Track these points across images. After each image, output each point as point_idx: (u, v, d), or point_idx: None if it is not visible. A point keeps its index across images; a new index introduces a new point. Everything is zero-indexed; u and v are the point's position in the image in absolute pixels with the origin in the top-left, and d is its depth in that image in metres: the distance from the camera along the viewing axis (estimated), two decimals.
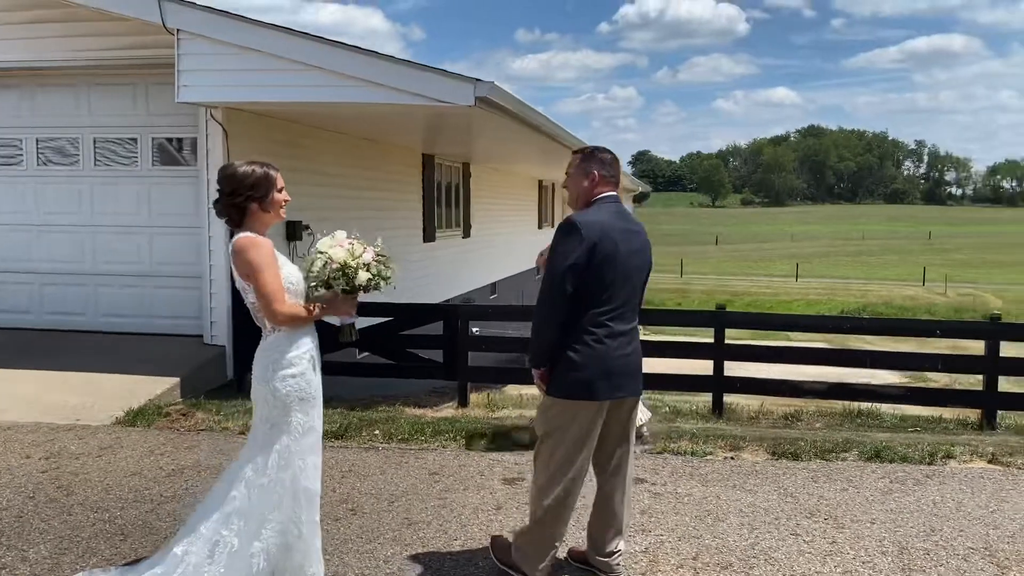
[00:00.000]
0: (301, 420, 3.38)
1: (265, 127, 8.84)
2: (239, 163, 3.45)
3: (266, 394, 3.36)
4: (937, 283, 51.92)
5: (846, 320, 9.04)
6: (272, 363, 3.35)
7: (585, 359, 3.47)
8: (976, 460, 5.81)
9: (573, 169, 3.68)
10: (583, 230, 3.41)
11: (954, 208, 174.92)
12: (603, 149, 3.72)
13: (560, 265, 3.40)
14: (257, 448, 3.39)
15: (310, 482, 3.40)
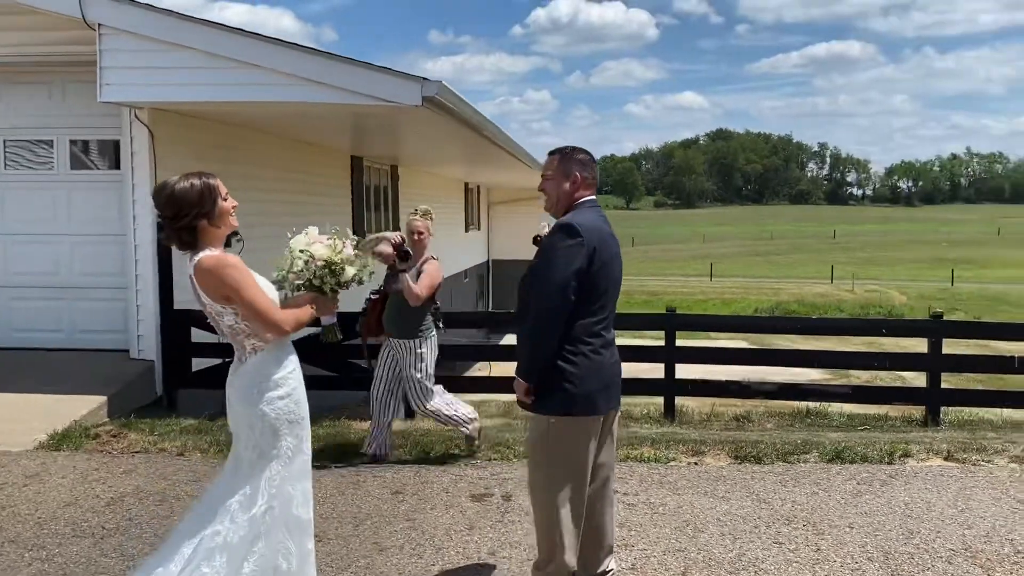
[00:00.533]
0: (291, 444, 3.12)
1: (193, 129, 8.39)
2: (172, 180, 3.06)
3: (252, 419, 3.07)
4: (844, 280, 53.85)
5: (798, 321, 9.17)
6: (257, 385, 3.08)
7: (585, 371, 3.26)
8: (933, 458, 5.88)
9: (552, 171, 3.45)
10: (584, 235, 3.21)
11: (855, 208, 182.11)
12: (579, 149, 3.50)
13: (564, 272, 3.18)
14: (243, 478, 3.09)
15: (301, 510, 3.14)
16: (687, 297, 47.60)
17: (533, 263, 3.35)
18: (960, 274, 56.73)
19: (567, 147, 3.51)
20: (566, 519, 3.31)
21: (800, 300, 46.74)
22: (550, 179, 3.45)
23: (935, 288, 51.50)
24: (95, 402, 6.97)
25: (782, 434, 6.82)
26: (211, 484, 3.28)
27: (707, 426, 7.43)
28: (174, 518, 4.64)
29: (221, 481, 3.19)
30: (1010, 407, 7.49)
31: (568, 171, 3.41)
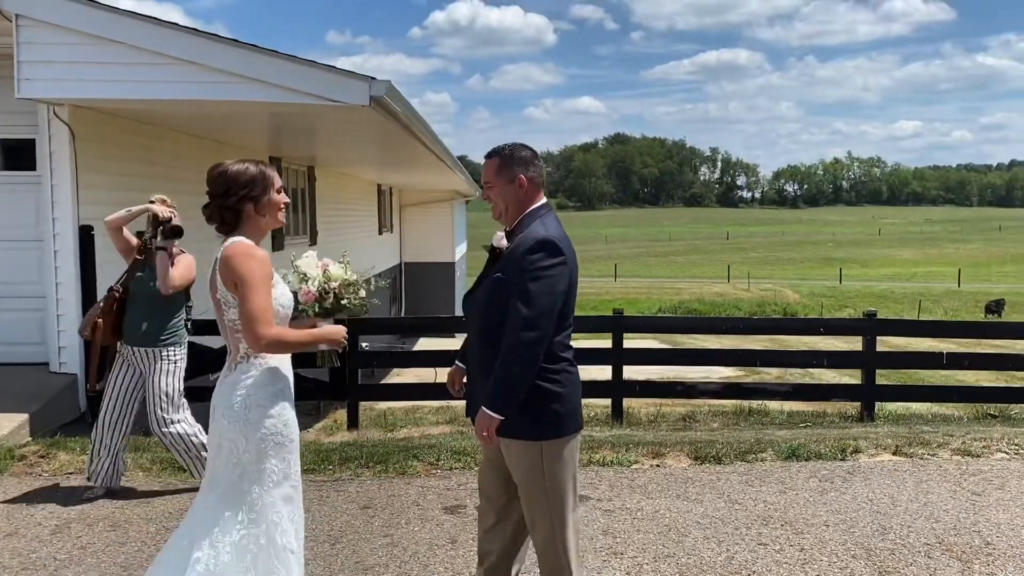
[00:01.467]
0: (276, 467, 2.90)
1: (116, 128, 7.93)
2: (229, 162, 2.98)
3: (236, 435, 2.85)
4: (741, 280, 55.74)
5: (741, 321, 9.38)
6: (248, 397, 2.86)
7: (569, 388, 3.05)
8: (882, 453, 6.07)
9: (493, 177, 3.08)
10: (566, 253, 2.97)
11: (745, 210, 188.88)
12: (520, 146, 3.12)
13: (552, 297, 2.90)
14: (223, 500, 2.87)
15: (287, 539, 2.91)
16: (594, 298, 48.23)
17: (496, 277, 3.00)
18: (847, 273, 59.53)
19: (505, 147, 3.13)
20: (572, 540, 3.15)
21: (700, 299, 47.99)
22: (493, 186, 3.09)
23: (825, 287, 53.90)
24: (16, 420, 6.48)
25: (732, 433, 6.93)
26: (189, 511, 3.03)
27: (655, 427, 7.48)
28: (131, 544, 4.35)
29: (198, 505, 2.96)
30: (938, 401, 7.82)
31: (512, 175, 3.05)
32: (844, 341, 22.01)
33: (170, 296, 4.92)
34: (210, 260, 2.99)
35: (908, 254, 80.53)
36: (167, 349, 4.99)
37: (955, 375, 17.38)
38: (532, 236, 2.96)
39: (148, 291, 4.93)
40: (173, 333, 5.02)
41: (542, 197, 3.12)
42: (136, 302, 4.97)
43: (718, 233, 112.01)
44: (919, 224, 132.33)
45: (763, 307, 45.07)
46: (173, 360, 5.01)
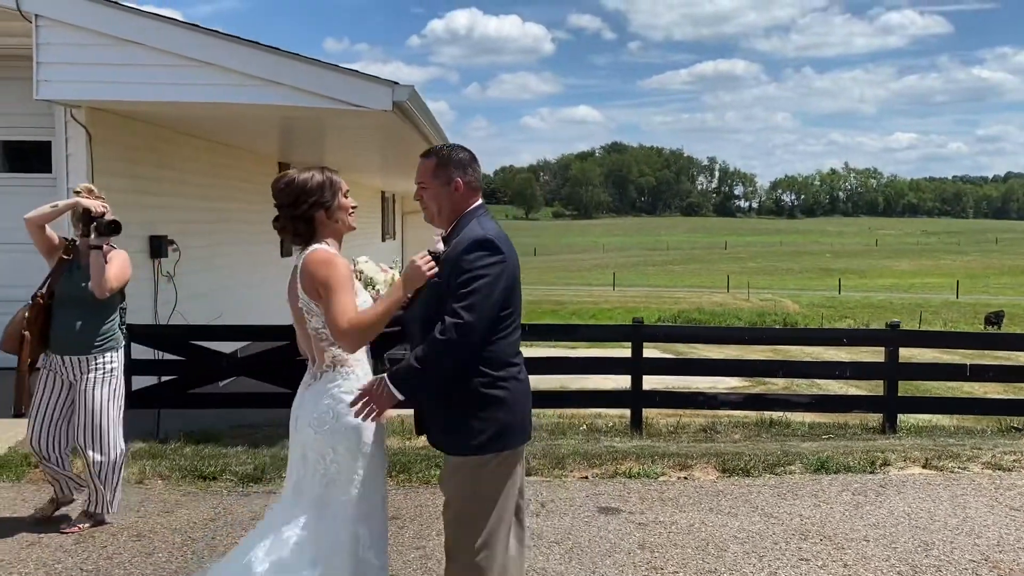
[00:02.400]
0: (363, 478, 2.87)
1: (131, 131, 7.85)
2: (293, 171, 2.96)
3: (323, 446, 2.80)
4: (740, 290, 55.68)
5: (764, 331, 9.32)
6: (333, 408, 2.81)
7: (516, 396, 2.86)
8: (911, 466, 5.99)
9: (428, 178, 2.91)
10: (505, 251, 2.80)
11: (743, 220, 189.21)
12: (457, 147, 2.96)
13: (492, 296, 2.72)
14: (304, 508, 2.82)
15: (370, 554, 2.86)
16: (592, 306, 48.21)
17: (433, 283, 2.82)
18: (845, 283, 59.54)
19: (442, 147, 2.96)
20: (499, 564, 2.89)
21: (700, 309, 47.91)
22: (428, 188, 2.92)
23: (824, 297, 53.86)
24: None
25: (756, 445, 6.84)
26: (265, 519, 2.96)
27: (677, 438, 7.39)
28: (157, 555, 4.24)
29: (278, 514, 2.90)
30: (961, 414, 7.75)
31: (449, 177, 2.89)
32: (848, 352, 22.03)
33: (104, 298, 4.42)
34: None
35: (905, 265, 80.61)
36: (103, 355, 4.46)
37: (961, 387, 17.36)
38: (468, 236, 2.81)
39: (78, 293, 4.42)
40: (108, 338, 4.50)
41: (478, 199, 2.96)
42: (64, 306, 4.45)
43: (716, 243, 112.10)
44: (915, 235, 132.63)
45: (763, 317, 44.99)
46: (109, 368, 4.49)
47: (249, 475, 5.64)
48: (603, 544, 4.42)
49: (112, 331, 4.54)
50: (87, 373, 4.44)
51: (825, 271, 72.30)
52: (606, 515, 4.89)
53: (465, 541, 2.85)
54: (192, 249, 9.08)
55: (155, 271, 8.33)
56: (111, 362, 4.51)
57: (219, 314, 9.56)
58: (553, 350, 17.05)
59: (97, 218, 4.45)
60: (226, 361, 7.66)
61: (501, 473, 2.88)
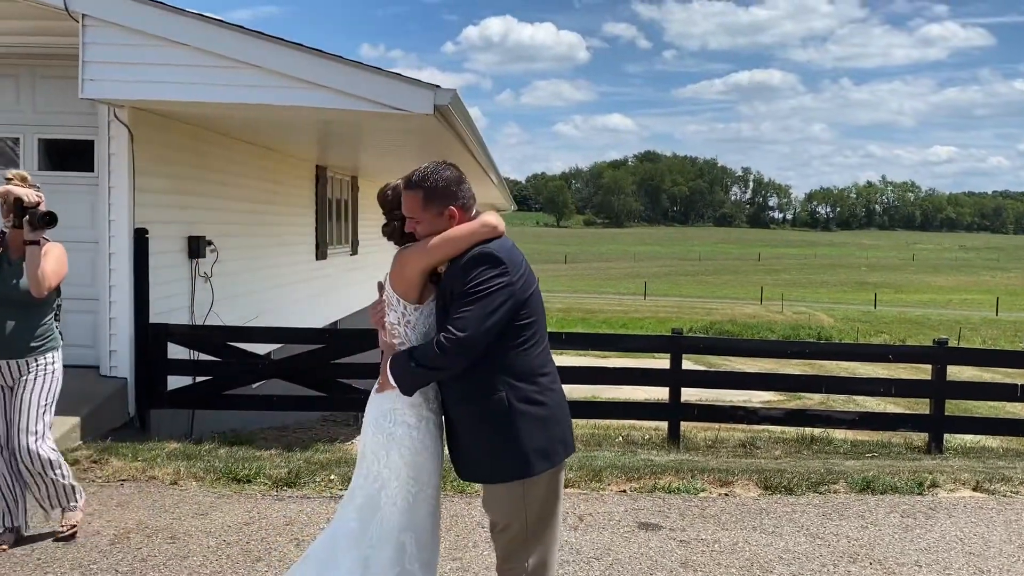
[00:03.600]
0: (415, 487, 2.87)
1: (169, 131, 7.86)
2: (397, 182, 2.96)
3: (379, 448, 2.86)
4: (773, 302, 55.10)
5: (808, 345, 9.09)
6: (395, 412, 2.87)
7: (552, 409, 2.79)
8: (961, 488, 5.79)
9: (419, 212, 2.75)
10: (508, 263, 2.71)
11: (777, 231, 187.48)
12: (440, 168, 2.78)
13: (494, 309, 2.65)
14: (355, 510, 2.85)
15: (415, 566, 2.83)
16: (623, 315, 47.98)
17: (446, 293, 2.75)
18: (881, 298, 58.69)
19: (427, 176, 2.76)
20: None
21: (733, 320, 47.53)
22: (421, 222, 2.77)
23: (859, 311, 53.14)
24: (68, 423, 6.38)
25: (798, 462, 6.68)
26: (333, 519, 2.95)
27: (715, 452, 7.24)
28: (192, 559, 4.19)
29: (338, 514, 2.91)
30: (1011, 435, 7.51)
31: (441, 208, 2.75)
32: (886, 368, 21.66)
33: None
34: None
35: (943, 281, 79.32)
36: (42, 357, 4.17)
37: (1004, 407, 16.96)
38: (474, 253, 2.72)
39: (10, 292, 4.07)
40: (46, 339, 4.19)
41: (473, 213, 2.83)
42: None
43: (749, 254, 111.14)
44: (953, 250, 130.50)
45: (797, 330, 44.50)
46: (50, 368, 4.20)
47: (283, 479, 5.59)
48: (644, 561, 4.31)
49: (49, 331, 4.23)
50: (25, 375, 4.14)
51: (860, 285, 71.37)
52: (646, 531, 4.77)
53: (525, 563, 2.80)
54: (229, 250, 9.09)
55: (192, 271, 8.35)
56: (52, 363, 4.21)
57: (255, 315, 9.58)
58: (583, 359, 16.95)
59: (31, 208, 4.02)
60: (262, 363, 7.65)
61: (551, 489, 2.82)
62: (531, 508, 2.79)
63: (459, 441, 2.85)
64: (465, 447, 2.83)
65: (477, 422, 2.76)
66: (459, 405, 2.80)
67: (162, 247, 7.65)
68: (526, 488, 2.76)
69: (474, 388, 2.74)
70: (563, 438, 2.84)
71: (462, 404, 2.78)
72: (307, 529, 4.66)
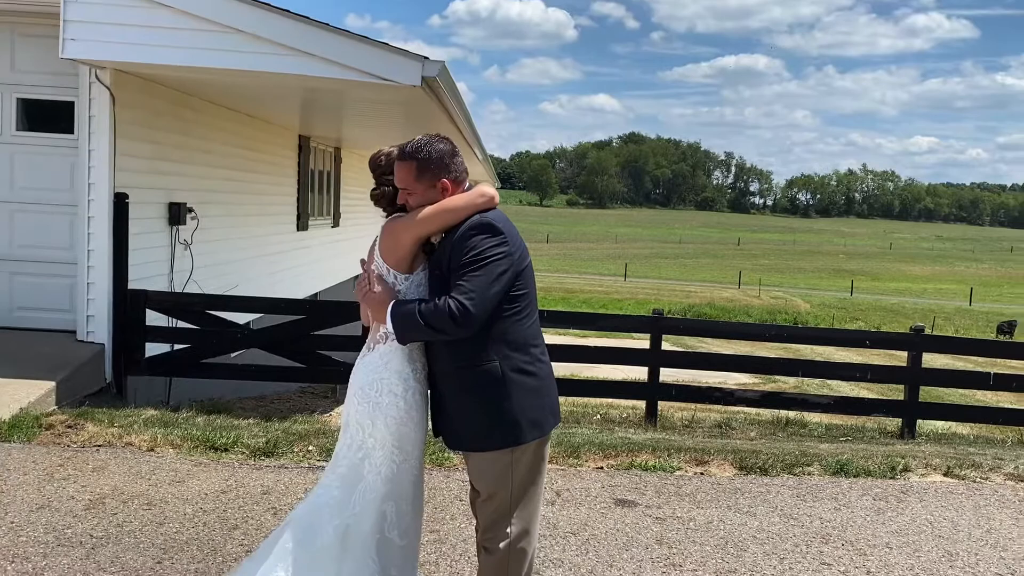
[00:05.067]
0: (398, 457, 2.90)
1: (155, 96, 7.76)
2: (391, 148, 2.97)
3: (363, 418, 2.87)
4: (751, 286, 55.47)
5: (785, 329, 9.20)
6: (381, 381, 2.87)
7: (542, 380, 2.83)
8: (932, 473, 5.88)
9: (412, 183, 2.76)
10: (504, 231, 2.73)
11: (757, 216, 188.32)
12: (434, 141, 2.79)
13: (491, 275, 2.66)
14: (338, 480, 2.88)
15: (395, 534, 2.88)
16: (603, 296, 48.13)
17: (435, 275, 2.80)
18: (857, 285, 59.22)
19: (420, 147, 2.76)
20: (532, 551, 2.92)
21: (711, 304, 47.80)
22: (413, 193, 2.77)
23: (836, 298, 53.63)
24: (43, 388, 6.31)
25: (773, 444, 6.74)
26: (315, 488, 2.94)
27: (692, 432, 7.30)
28: (169, 525, 4.18)
29: (320, 482, 2.91)
30: (982, 422, 7.63)
31: (433, 178, 2.75)
32: (859, 354, 21.87)
33: None
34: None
35: (919, 270, 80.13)
36: None
37: (974, 395, 17.22)
38: (473, 222, 2.73)
39: None
40: None
41: (466, 186, 2.83)
42: None
43: (729, 238, 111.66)
44: (930, 240, 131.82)
45: (773, 315, 44.87)
46: None
47: (261, 448, 5.57)
48: (620, 537, 4.35)
49: None
50: None
51: (838, 272, 71.94)
52: (623, 507, 4.81)
53: (507, 530, 2.83)
54: (210, 218, 9.00)
55: (172, 238, 8.26)
56: None
57: (235, 285, 9.52)
58: (565, 338, 16.96)
59: None
60: (241, 332, 7.60)
61: (538, 458, 2.86)
62: (517, 477, 2.81)
63: (447, 410, 2.85)
64: (454, 416, 2.83)
65: (468, 391, 2.77)
66: (450, 374, 2.80)
67: (142, 213, 7.56)
68: (515, 457, 2.79)
69: (467, 357, 2.74)
70: (552, 408, 2.88)
71: (453, 373, 2.78)
72: (284, 498, 4.66)
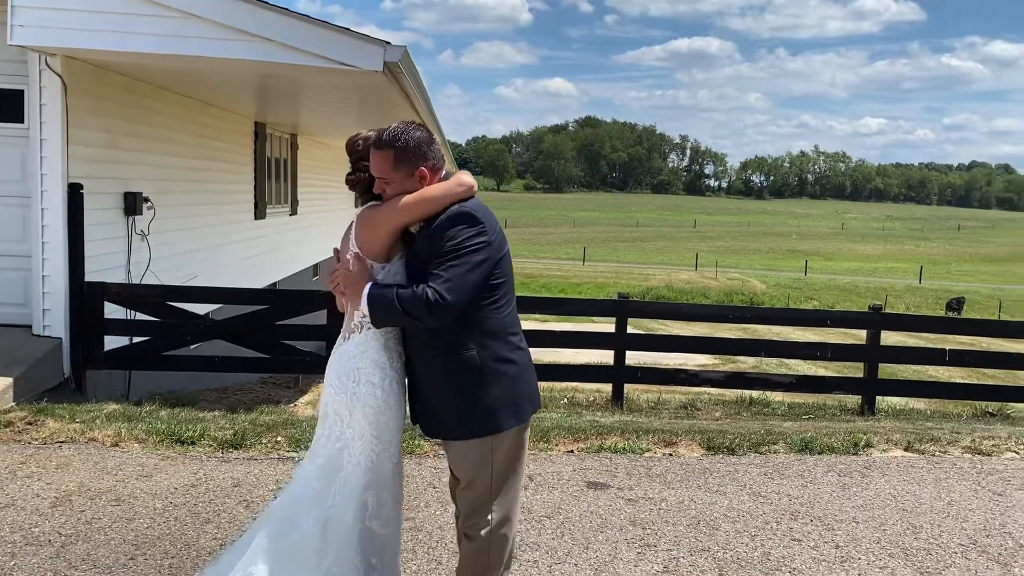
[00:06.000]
0: (377, 446, 2.87)
1: (108, 83, 7.58)
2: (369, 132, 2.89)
3: (341, 408, 2.83)
4: (708, 268, 56.10)
5: (748, 310, 9.35)
6: (356, 371, 2.84)
7: (521, 368, 2.83)
8: (894, 448, 6.02)
9: (389, 172, 2.71)
10: (483, 219, 2.72)
11: (712, 199, 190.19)
12: (410, 128, 2.75)
13: (476, 267, 2.66)
14: (317, 470, 2.86)
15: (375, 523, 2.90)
16: (562, 280, 48.29)
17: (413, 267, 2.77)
18: (811, 265, 60.23)
19: (397, 135, 2.71)
20: (513, 536, 2.93)
21: (669, 286, 48.24)
22: (390, 182, 2.72)
23: (790, 278, 54.49)
24: (0, 384, 6.17)
25: (738, 423, 6.85)
26: (291, 480, 2.90)
27: (657, 414, 7.38)
28: (139, 521, 4.12)
29: (298, 475, 2.87)
30: (940, 398, 7.82)
31: (411, 167, 2.71)
32: (816, 333, 22.32)
33: None
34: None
35: (870, 249, 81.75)
36: None
37: (927, 371, 17.66)
38: (453, 212, 2.71)
39: None
40: None
41: (443, 174, 2.81)
42: None
43: (685, 221, 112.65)
44: (881, 220, 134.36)
45: (731, 296, 45.43)
46: None
47: (228, 440, 5.50)
48: (594, 519, 4.38)
49: None
50: None
51: (792, 252, 73.05)
52: (595, 490, 4.85)
53: (488, 516, 2.83)
54: (167, 208, 8.83)
55: (129, 229, 8.09)
56: None
57: (193, 275, 9.37)
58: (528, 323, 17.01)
59: None
60: (203, 324, 7.49)
61: (518, 444, 2.87)
62: (497, 464, 2.82)
63: (425, 399, 2.84)
64: (432, 404, 2.82)
65: (447, 379, 2.76)
66: (428, 362, 2.78)
67: (97, 203, 7.40)
68: (494, 444, 2.79)
69: (445, 345, 2.73)
70: (531, 396, 2.88)
71: (431, 361, 2.77)
72: (255, 491, 4.61)
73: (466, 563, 2.92)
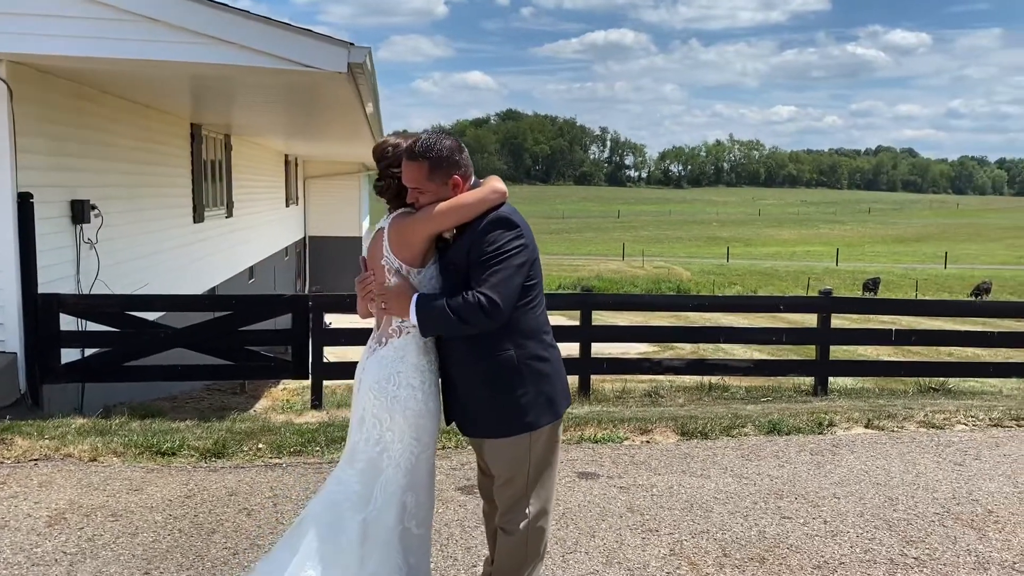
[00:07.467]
0: (416, 449, 2.96)
1: (52, 88, 7.34)
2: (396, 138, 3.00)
3: (381, 411, 2.90)
4: (634, 257, 57.01)
5: (706, 299, 9.62)
6: (395, 375, 2.90)
7: (555, 365, 2.94)
8: (855, 426, 6.32)
9: (424, 182, 2.79)
10: (519, 224, 2.82)
11: (633, 189, 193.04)
12: (440, 138, 2.84)
13: (512, 268, 2.74)
14: (358, 475, 2.89)
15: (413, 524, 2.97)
16: None
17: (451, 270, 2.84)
18: (732, 251, 61.81)
19: (430, 146, 2.80)
20: (548, 529, 3.04)
21: (599, 276, 48.82)
22: (424, 192, 2.80)
23: (713, 264, 55.79)
24: None
25: (703, 408, 7.08)
26: (325, 485, 2.93)
27: (624, 402, 7.57)
28: (143, 535, 4.07)
29: (334, 480, 2.91)
30: (886, 376, 8.21)
31: (444, 178, 2.80)
32: (746, 318, 22.98)
33: None
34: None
35: (787, 234, 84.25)
36: None
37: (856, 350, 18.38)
38: (493, 217, 2.80)
39: None
40: None
41: (472, 181, 2.90)
42: None
43: (609, 212, 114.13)
44: (795, 205, 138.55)
45: (658, 283, 46.20)
46: None
47: (209, 450, 5.44)
48: (593, 509, 4.51)
49: None
50: None
51: (713, 239, 74.81)
52: (587, 480, 4.97)
53: (526, 511, 2.93)
54: (113, 215, 8.61)
55: (77, 238, 7.87)
56: None
57: (144, 283, 9.15)
58: None
59: None
60: (164, 332, 7.34)
61: (552, 439, 2.97)
62: (534, 460, 2.91)
63: (463, 399, 2.91)
64: (469, 405, 2.90)
65: (485, 380, 2.83)
66: (466, 364, 2.85)
67: (45, 212, 7.17)
68: (532, 440, 2.88)
69: (484, 347, 2.80)
70: (564, 391, 2.99)
71: (469, 363, 2.84)
72: (252, 498, 4.59)
73: (504, 557, 3.00)
